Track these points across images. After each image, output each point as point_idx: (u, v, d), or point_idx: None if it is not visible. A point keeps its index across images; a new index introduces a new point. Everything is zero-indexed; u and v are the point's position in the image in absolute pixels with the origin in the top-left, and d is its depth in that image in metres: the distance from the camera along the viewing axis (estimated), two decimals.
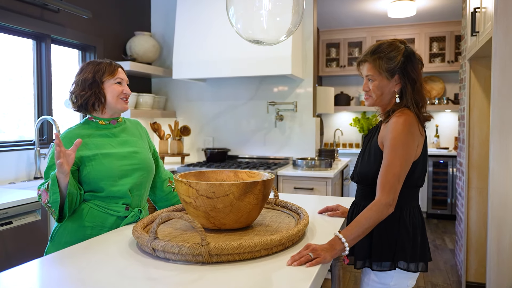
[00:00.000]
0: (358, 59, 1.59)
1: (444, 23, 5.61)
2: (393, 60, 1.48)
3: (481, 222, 3.10)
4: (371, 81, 1.53)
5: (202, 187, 1.39)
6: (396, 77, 1.50)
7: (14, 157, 2.86)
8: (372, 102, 1.55)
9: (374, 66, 1.50)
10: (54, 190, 1.50)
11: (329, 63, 6.22)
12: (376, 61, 1.49)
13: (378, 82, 1.51)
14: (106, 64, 1.74)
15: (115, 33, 3.90)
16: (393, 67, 1.48)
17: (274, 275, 1.16)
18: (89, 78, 1.69)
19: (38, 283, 1.14)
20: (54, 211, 1.54)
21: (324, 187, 3.38)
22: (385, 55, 1.48)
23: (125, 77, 1.79)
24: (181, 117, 4.39)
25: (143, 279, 1.13)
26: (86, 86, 1.69)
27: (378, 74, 1.50)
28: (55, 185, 1.51)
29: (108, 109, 1.74)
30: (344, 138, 6.35)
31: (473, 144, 3.12)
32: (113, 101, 1.73)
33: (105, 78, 1.71)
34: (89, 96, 1.69)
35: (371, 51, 1.52)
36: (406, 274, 1.48)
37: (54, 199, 1.51)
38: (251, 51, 3.51)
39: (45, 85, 3.19)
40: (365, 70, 1.54)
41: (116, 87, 1.73)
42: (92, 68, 1.70)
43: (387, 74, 1.49)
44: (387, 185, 1.39)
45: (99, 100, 1.71)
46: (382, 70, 1.48)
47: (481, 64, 3.05)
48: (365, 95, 1.58)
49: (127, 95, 1.77)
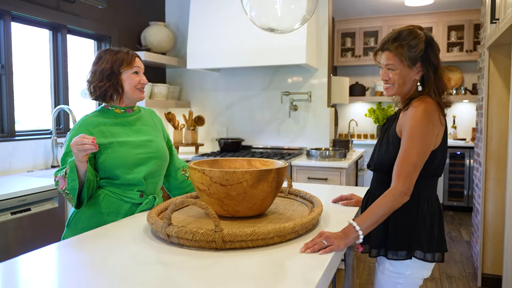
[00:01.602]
0: (375, 48, 1.55)
1: (463, 11, 5.48)
2: (415, 48, 1.44)
3: (498, 214, 3.04)
4: (391, 70, 1.49)
5: (215, 175, 1.40)
6: (418, 65, 1.47)
7: (31, 146, 2.90)
8: (393, 91, 1.52)
9: (396, 55, 1.46)
10: (72, 177, 1.53)
11: (344, 53, 6.15)
12: (398, 49, 1.45)
13: (400, 71, 1.47)
14: (124, 54, 1.73)
15: (129, 23, 3.91)
16: (415, 55, 1.45)
17: (287, 262, 1.16)
18: (107, 68, 1.70)
19: (55, 266, 1.16)
20: (72, 197, 1.56)
21: (338, 178, 3.36)
22: (407, 43, 1.45)
23: (142, 66, 1.79)
24: (195, 107, 4.40)
25: (157, 264, 1.14)
26: (104, 77, 1.70)
27: (400, 62, 1.46)
28: (74, 172, 1.53)
29: (125, 98, 1.75)
30: (358, 129, 6.29)
31: (491, 134, 3.06)
32: (130, 91, 1.73)
33: (122, 69, 1.71)
34: (107, 87, 1.70)
35: (392, 39, 1.47)
36: (422, 264, 1.47)
37: (72, 186, 1.53)
38: (265, 40, 3.49)
39: (62, 75, 3.22)
40: (384, 59, 1.50)
41: (133, 77, 1.73)
42: (110, 57, 1.71)
43: (409, 62, 1.45)
44: (403, 174, 1.37)
45: (117, 91, 1.72)
46: (404, 58, 1.45)
47: (500, 53, 2.98)
48: (385, 84, 1.54)
49: (144, 85, 1.77)
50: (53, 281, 1.06)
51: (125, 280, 1.02)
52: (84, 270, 1.10)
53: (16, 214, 2.17)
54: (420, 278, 1.50)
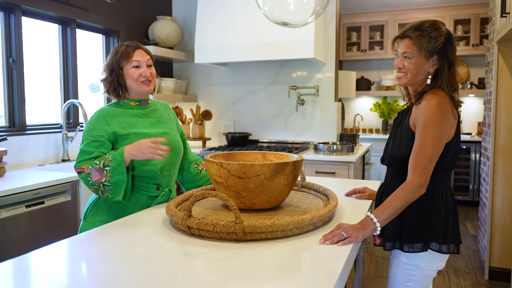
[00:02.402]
0: (396, 35, 1.55)
1: (470, 5, 5.46)
2: (435, 40, 1.46)
3: (506, 207, 3.06)
4: (407, 59, 1.50)
5: (233, 168, 1.41)
6: (435, 58, 1.48)
7: (42, 140, 2.93)
8: (405, 81, 1.53)
9: (415, 43, 1.47)
10: (120, 171, 1.54)
11: (349, 47, 6.14)
12: (419, 38, 1.47)
13: (416, 60, 1.49)
14: (123, 48, 1.71)
15: (137, 17, 3.92)
16: (434, 47, 1.46)
17: (307, 253, 1.18)
18: (110, 64, 1.71)
19: (82, 257, 1.18)
20: (110, 189, 1.56)
21: (346, 171, 3.37)
22: (428, 33, 1.46)
23: (144, 58, 1.73)
24: (202, 101, 4.41)
25: (181, 255, 1.16)
26: (108, 73, 1.72)
27: (418, 51, 1.48)
28: (122, 166, 1.55)
29: (132, 92, 1.76)
30: (364, 123, 6.30)
31: (499, 128, 3.06)
32: (134, 85, 1.72)
33: (122, 64, 1.70)
34: (111, 82, 1.71)
35: (414, 28, 1.49)
36: (437, 256, 1.48)
37: (119, 179, 1.55)
38: (273, 35, 3.50)
39: (71, 70, 3.24)
40: (403, 46, 1.51)
41: (133, 71, 1.70)
42: (113, 52, 1.72)
43: (427, 53, 1.47)
44: (419, 166, 1.38)
45: (121, 86, 1.72)
46: (422, 48, 1.46)
47: (509, 47, 2.98)
48: (398, 73, 1.55)
49: (147, 77, 1.72)
50: (83, 271, 1.08)
51: (157, 271, 1.04)
52: (111, 261, 1.12)
53: (31, 207, 2.20)
54: (434, 270, 1.52)
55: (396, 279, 1.55)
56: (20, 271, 1.07)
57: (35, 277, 1.05)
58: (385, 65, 6.23)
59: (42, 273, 1.06)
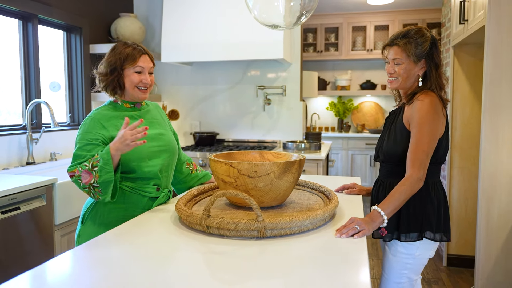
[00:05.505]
0: (385, 43, 1.67)
1: (417, 11, 5.83)
2: (422, 45, 1.58)
3: (462, 199, 3.33)
4: (397, 65, 1.62)
5: (244, 167, 1.44)
6: (422, 62, 1.61)
7: (5, 142, 2.76)
8: (397, 84, 1.65)
9: (404, 50, 1.59)
10: (107, 170, 1.49)
11: (306, 48, 6.31)
12: (406, 45, 1.58)
13: (406, 65, 1.61)
14: (130, 50, 1.68)
15: (100, 14, 3.78)
16: (421, 52, 1.58)
17: (329, 246, 1.24)
18: (112, 62, 1.67)
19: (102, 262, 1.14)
20: (100, 191, 1.52)
21: (316, 169, 3.49)
22: (415, 40, 1.58)
23: (148, 65, 1.72)
24: (167, 101, 4.35)
25: (210, 253, 1.18)
26: (109, 70, 1.68)
27: (407, 57, 1.59)
28: (109, 165, 1.50)
29: (127, 96, 1.73)
30: (320, 122, 6.51)
31: (455, 126, 3.32)
32: (130, 90, 1.70)
33: (125, 66, 1.67)
34: (110, 81, 1.68)
35: (401, 35, 1.61)
36: (429, 244, 1.61)
37: (107, 178, 1.50)
38: (242, 34, 3.53)
39: (33, 68, 3.07)
40: (392, 53, 1.62)
41: (135, 76, 1.68)
42: (118, 51, 1.68)
43: (415, 58, 1.59)
44: (417, 161, 1.50)
45: (119, 86, 1.70)
46: (411, 54, 1.58)
47: (465, 51, 3.24)
48: (390, 78, 1.66)
49: (146, 85, 1.71)
50: (106, 275, 1.05)
51: (195, 272, 1.05)
52: (135, 262, 1.11)
53: (7, 214, 2.08)
54: (427, 258, 1.65)
55: (392, 268, 1.66)
56: (54, 276, 1.03)
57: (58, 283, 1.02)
58: (339, 65, 6.47)
59: (69, 280, 1.04)
